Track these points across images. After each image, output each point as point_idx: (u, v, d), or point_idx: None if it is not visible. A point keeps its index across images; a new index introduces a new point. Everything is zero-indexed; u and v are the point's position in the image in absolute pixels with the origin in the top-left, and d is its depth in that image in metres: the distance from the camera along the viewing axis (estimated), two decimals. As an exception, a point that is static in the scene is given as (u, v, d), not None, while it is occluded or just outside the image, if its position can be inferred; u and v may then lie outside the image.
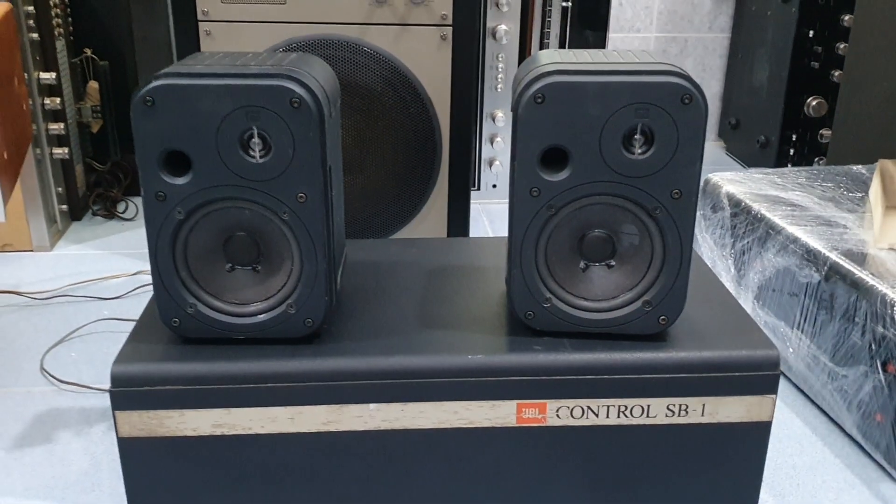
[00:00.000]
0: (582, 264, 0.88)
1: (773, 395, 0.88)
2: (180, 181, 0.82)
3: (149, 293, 1.55)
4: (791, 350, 1.26)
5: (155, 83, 0.78)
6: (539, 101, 0.80)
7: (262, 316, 0.86)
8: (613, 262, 0.87)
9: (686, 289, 0.86)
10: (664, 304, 0.87)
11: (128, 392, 0.84)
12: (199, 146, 0.80)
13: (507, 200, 0.86)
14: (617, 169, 0.82)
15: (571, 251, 0.87)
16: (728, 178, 1.49)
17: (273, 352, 0.86)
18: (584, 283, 0.88)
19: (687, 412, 0.88)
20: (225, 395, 0.85)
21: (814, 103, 2.19)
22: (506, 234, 0.89)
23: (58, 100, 1.76)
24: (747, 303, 1.38)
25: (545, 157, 0.83)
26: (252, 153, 0.81)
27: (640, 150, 0.82)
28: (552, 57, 0.85)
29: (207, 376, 0.84)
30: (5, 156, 1.17)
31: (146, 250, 0.82)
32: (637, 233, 0.86)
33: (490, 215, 2.03)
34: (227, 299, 0.87)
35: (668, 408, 0.87)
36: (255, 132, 0.80)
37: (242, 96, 0.79)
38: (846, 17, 2.10)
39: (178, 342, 0.88)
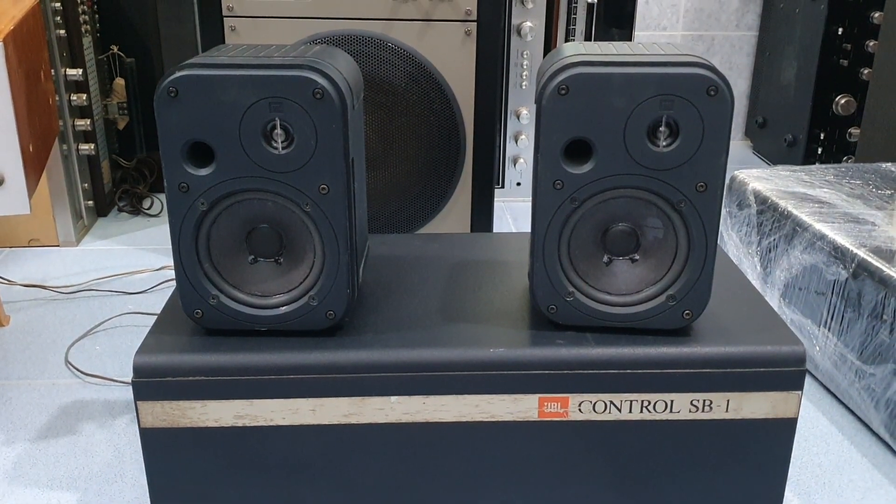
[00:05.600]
0: (605, 258, 0.87)
1: (799, 392, 0.87)
2: (203, 172, 0.82)
3: (173, 288, 1.55)
4: (818, 348, 1.24)
5: (178, 73, 0.78)
6: (563, 92, 0.80)
7: (284, 308, 0.86)
8: (637, 256, 0.86)
9: (711, 283, 0.85)
10: (688, 298, 0.86)
11: (150, 382, 0.84)
12: (221, 137, 0.80)
13: (531, 198, 0.85)
14: (641, 161, 0.81)
15: (595, 245, 0.87)
16: (754, 175, 1.48)
17: (295, 344, 0.86)
18: (608, 276, 0.87)
19: (711, 408, 0.87)
20: (247, 386, 0.85)
21: (842, 101, 2.17)
22: (529, 230, 0.88)
23: (84, 96, 1.78)
24: (773, 301, 1.36)
25: (569, 149, 0.82)
26: (275, 144, 0.81)
27: (664, 143, 0.81)
28: (577, 49, 0.85)
29: (230, 367, 0.84)
30: (31, 149, 1.18)
31: (171, 246, 0.82)
32: (661, 226, 0.85)
33: (514, 213, 2.03)
34: (249, 291, 0.87)
35: (691, 403, 0.87)
36: (278, 123, 0.80)
37: (265, 87, 0.78)
38: (876, 14, 2.08)
39: (200, 333, 0.88)
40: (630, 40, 2.03)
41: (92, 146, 1.82)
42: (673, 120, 0.80)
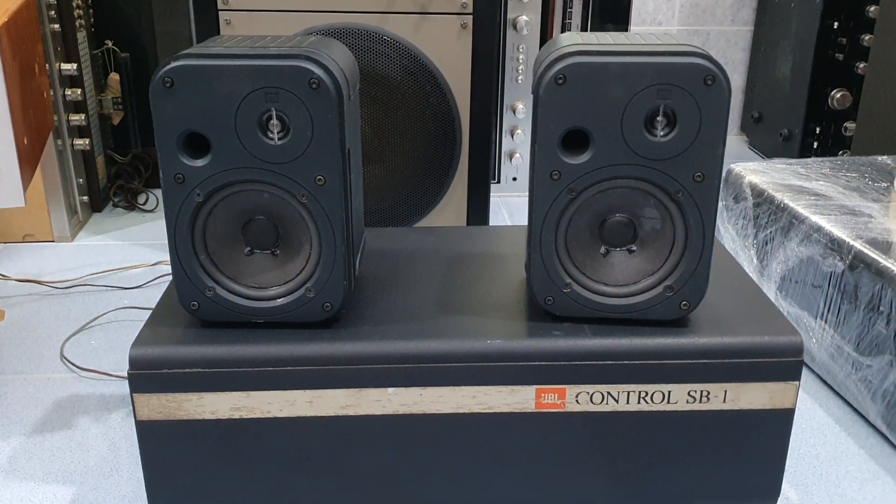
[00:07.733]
0: (602, 249, 0.87)
1: (797, 382, 0.87)
2: (199, 163, 0.81)
3: (168, 283, 1.55)
4: (814, 341, 1.24)
5: (174, 63, 0.78)
6: (560, 82, 0.79)
7: (280, 300, 0.86)
8: (634, 247, 0.86)
9: (708, 273, 0.85)
10: (686, 289, 0.86)
11: (146, 375, 0.84)
12: (217, 128, 0.80)
13: (527, 194, 0.85)
14: (639, 151, 0.81)
15: (592, 236, 0.86)
16: (751, 169, 1.48)
17: (292, 336, 0.86)
18: (605, 268, 0.87)
19: (708, 398, 0.87)
20: (244, 378, 0.84)
21: (838, 96, 2.17)
22: (525, 224, 0.88)
23: (79, 91, 1.77)
24: (770, 293, 1.36)
25: (566, 139, 0.82)
26: (270, 135, 0.80)
27: (662, 133, 0.81)
28: (573, 39, 0.85)
29: (226, 359, 0.84)
30: (25, 142, 1.17)
31: (166, 241, 0.82)
32: (659, 217, 0.85)
33: (510, 208, 2.02)
34: (245, 283, 0.86)
35: (689, 394, 0.86)
36: (274, 113, 0.80)
37: (261, 77, 0.78)
38: (871, 8, 2.08)
39: (196, 325, 0.88)
40: (626, 35, 2.03)
41: (86, 141, 1.81)
42: (670, 109, 0.80)
